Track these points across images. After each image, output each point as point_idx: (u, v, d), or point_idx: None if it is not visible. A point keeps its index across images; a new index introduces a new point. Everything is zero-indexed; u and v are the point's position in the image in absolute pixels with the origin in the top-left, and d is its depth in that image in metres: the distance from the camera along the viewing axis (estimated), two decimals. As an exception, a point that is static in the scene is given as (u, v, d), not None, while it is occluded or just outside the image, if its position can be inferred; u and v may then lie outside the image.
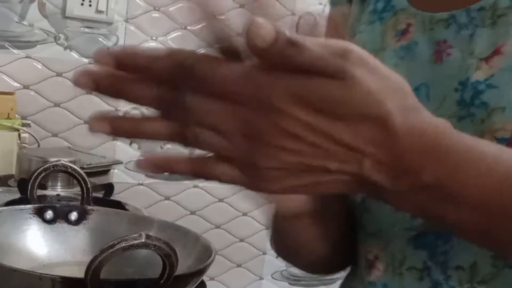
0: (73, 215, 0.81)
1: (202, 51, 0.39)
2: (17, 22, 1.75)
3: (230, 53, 0.39)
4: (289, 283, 2.18)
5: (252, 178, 0.40)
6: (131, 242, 0.57)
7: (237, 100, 0.38)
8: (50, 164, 0.89)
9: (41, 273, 0.62)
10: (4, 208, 0.90)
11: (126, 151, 1.90)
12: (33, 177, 0.87)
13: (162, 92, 0.39)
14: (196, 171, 0.41)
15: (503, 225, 0.42)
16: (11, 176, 1.40)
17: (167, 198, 1.98)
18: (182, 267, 0.62)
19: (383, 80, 0.39)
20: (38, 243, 0.78)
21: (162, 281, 0.59)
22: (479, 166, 0.41)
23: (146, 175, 1.95)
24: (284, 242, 0.66)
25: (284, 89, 0.37)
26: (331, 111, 0.37)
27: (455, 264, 0.52)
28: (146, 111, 0.41)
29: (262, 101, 0.37)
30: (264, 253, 2.12)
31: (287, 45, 0.36)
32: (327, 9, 0.73)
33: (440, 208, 0.42)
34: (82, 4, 1.79)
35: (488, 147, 0.43)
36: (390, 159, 0.39)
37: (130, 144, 1.92)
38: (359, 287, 0.61)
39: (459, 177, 0.41)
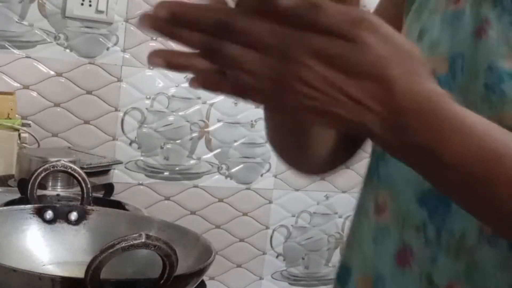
0: (73, 215, 0.81)
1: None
2: (17, 22, 1.76)
3: (261, 11, 0.45)
4: (289, 283, 2.18)
5: (270, 105, 0.50)
6: (131, 242, 0.57)
7: (267, 51, 0.45)
8: (50, 164, 0.89)
9: (41, 273, 0.62)
10: (4, 208, 0.90)
11: (126, 151, 1.90)
12: (33, 177, 0.87)
13: (207, 39, 0.46)
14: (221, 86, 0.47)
15: (482, 190, 0.47)
16: (11, 176, 1.40)
17: (167, 198, 1.98)
18: (182, 267, 0.62)
19: (392, 47, 0.44)
20: (38, 243, 0.78)
21: (162, 281, 0.59)
22: (469, 135, 0.46)
23: (146, 175, 1.95)
24: (278, 138, 0.72)
25: (306, 45, 0.44)
26: (344, 68, 0.44)
27: (450, 230, 0.56)
28: (145, 111, 0.43)
29: (287, 53, 0.44)
30: (264, 253, 2.12)
31: (310, 7, 0.43)
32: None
33: (429, 166, 0.47)
34: (82, 4, 1.79)
35: (480, 120, 0.47)
36: (389, 116, 0.45)
37: (130, 144, 1.92)
38: (365, 223, 0.66)
39: (449, 142, 0.45)
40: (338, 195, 2.16)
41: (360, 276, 0.65)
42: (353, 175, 1.87)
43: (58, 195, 1.16)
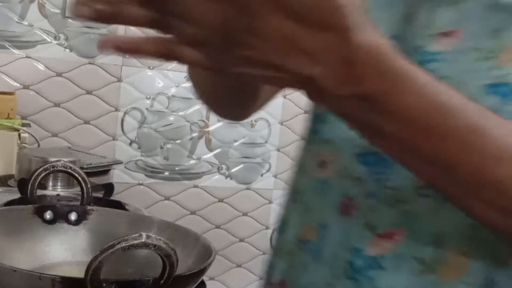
0: (73, 215, 0.81)
1: None
2: (17, 22, 1.76)
3: None
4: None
5: (214, 62, 0.46)
6: (131, 242, 0.57)
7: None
8: (50, 164, 0.89)
9: (41, 273, 0.62)
10: (4, 208, 0.90)
11: (126, 151, 1.90)
12: (33, 177, 0.87)
13: None
14: (162, 52, 0.45)
15: (425, 141, 0.49)
16: (11, 176, 1.40)
17: (167, 198, 1.98)
18: (182, 267, 0.62)
19: None
20: (38, 243, 0.78)
21: (162, 281, 0.59)
22: (412, 86, 0.48)
23: (146, 175, 1.95)
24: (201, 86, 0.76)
25: None
26: (302, 17, 0.43)
27: (388, 184, 0.60)
28: (145, 111, 0.43)
29: (245, 6, 0.43)
30: (264, 253, 2.12)
31: None
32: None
33: (372, 117, 0.48)
34: (82, 4, 1.78)
35: (422, 74, 0.49)
36: (339, 67, 0.45)
37: (130, 144, 1.92)
38: (304, 178, 0.70)
39: (394, 92, 0.47)
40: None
41: (303, 225, 0.69)
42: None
43: (58, 195, 1.16)
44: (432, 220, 0.59)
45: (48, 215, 0.80)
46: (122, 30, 1.85)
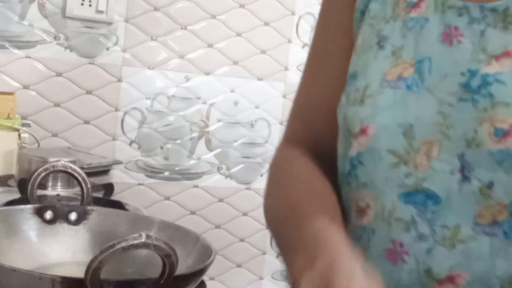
0: (73, 215, 0.81)
1: None
2: (17, 22, 1.76)
3: None
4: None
5: None
6: (131, 242, 0.57)
7: None
8: (50, 164, 0.89)
9: (41, 273, 0.62)
10: (4, 208, 0.90)
11: (126, 151, 1.90)
12: (33, 177, 0.87)
13: None
14: None
15: None
16: (11, 176, 1.40)
17: (167, 198, 1.98)
18: (182, 267, 0.62)
19: None
20: (38, 243, 0.78)
21: (162, 281, 0.59)
22: None
23: (146, 175, 1.95)
24: None
25: None
26: None
27: (441, 223, 0.59)
28: (145, 111, 0.42)
29: None
30: (264, 253, 2.12)
31: None
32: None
33: None
34: (82, 4, 1.79)
35: None
36: None
37: (130, 144, 1.92)
38: (348, 231, 0.66)
39: None
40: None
41: None
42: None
43: (58, 195, 1.16)
44: (496, 260, 0.57)
45: (48, 215, 0.80)
46: (122, 30, 1.85)
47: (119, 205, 1.11)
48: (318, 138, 0.75)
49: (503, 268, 0.57)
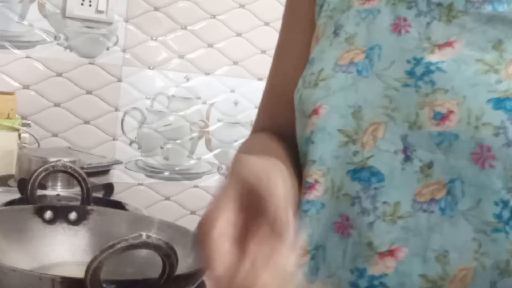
0: (73, 215, 0.81)
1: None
2: (17, 22, 1.76)
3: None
4: None
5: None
6: (131, 242, 0.57)
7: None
8: (50, 164, 0.89)
9: (41, 273, 0.62)
10: (4, 208, 0.90)
11: (126, 151, 1.90)
12: (33, 177, 0.87)
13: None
14: None
15: None
16: (11, 176, 1.40)
17: (167, 198, 1.98)
18: (182, 267, 0.62)
19: None
20: (38, 243, 0.78)
21: (162, 281, 0.59)
22: None
23: (146, 175, 1.95)
24: None
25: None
26: None
27: (382, 199, 0.63)
28: (145, 111, 0.43)
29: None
30: (264, 253, 2.12)
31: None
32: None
33: None
34: (82, 4, 1.79)
35: None
36: None
37: (130, 144, 1.92)
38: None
39: None
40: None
41: None
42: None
43: (58, 195, 1.16)
44: (434, 235, 0.61)
45: (48, 215, 0.80)
46: (122, 30, 1.85)
47: (119, 205, 1.11)
48: (282, 126, 0.79)
49: (438, 242, 0.61)
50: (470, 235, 0.60)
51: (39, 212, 0.80)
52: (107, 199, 1.18)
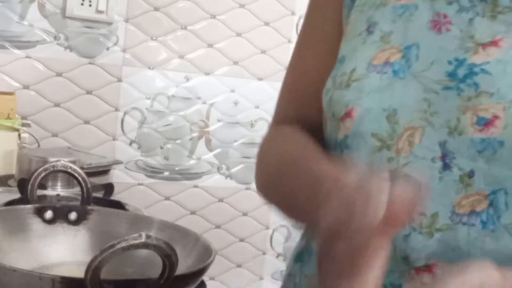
0: (73, 215, 0.81)
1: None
2: (17, 22, 1.76)
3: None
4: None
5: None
6: (131, 242, 0.57)
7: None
8: (50, 164, 0.89)
9: (41, 273, 0.62)
10: (4, 208, 0.90)
11: (126, 151, 1.90)
12: (33, 177, 0.87)
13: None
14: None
15: None
16: (11, 176, 1.40)
17: (167, 198, 1.98)
18: (182, 267, 0.62)
19: None
20: (38, 243, 0.78)
21: (162, 281, 0.59)
22: None
23: (146, 175, 1.95)
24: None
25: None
26: None
27: (419, 210, 0.58)
28: (145, 111, 0.42)
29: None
30: (264, 253, 2.12)
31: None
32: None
33: None
34: (82, 4, 1.79)
35: None
36: None
37: (130, 144, 1.92)
38: None
39: None
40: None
41: None
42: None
43: (58, 195, 1.16)
44: (475, 251, 0.58)
45: (48, 215, 0.80)
46: (122, 30, 1.85)
47: (119, 205, 1.11)
48: (308, 120, 0.75)
49: (479, 258, 0.57)
50: None
51: (39, 212, 0.80)
52: (107, 199, 1.18)
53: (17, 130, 1.53)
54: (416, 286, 0.59)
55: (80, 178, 0.89)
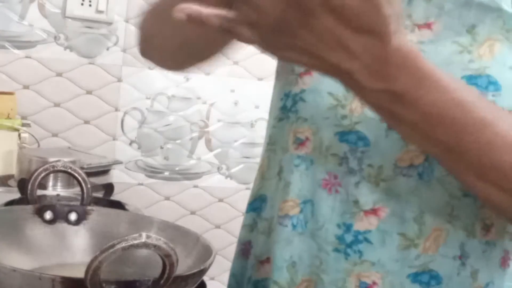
0: (73, 215, 0.81)
1: None
2: (17, 22, 1.76)
3: None
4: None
5: (265, 44, 0.53)
6: (131, 242, 0.57)
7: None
8: (50, 164, 0.89)
9: (41, 273, 0.62)
10: (4, 208, 0.90)
11: (126, 151, 1.90)
12: (33, 177, 0.87)
13: None
14: (225, 26, 0.51)
15: (444, 132, 0.56)
16: (11, 176, 1.40)
17: (167, 198, 1.98)
18: (182, 267, 0.62)
19: (391, 7, 0.50)
20: (38, 243, 0.78)
21: (162, 281, 0.59)
22: (437, 85, 0.54)
23: (146, 175, 1.95)
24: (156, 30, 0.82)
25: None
26: (350, 20, 0.49)
27: (368, 161, 0.67)
28: (146, 111, 0.43)
29: (303, 4, 0.49)
30: (264, 253, 2.12)
31: None
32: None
33: (398, 109, 0.55)
34: (82, 4, 1.79)
35: (444, 75, 0.55)
36: (376, 66, 0.52)
37: (130, 144, 1.92)
38: (280, 156, 0.75)
39: (421, 91, 0.54)
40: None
41: (283, 200, 0.73)
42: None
43: (58, 195, 1.16)
44: (413, 198, 0.66)
45: (48, 215, 0.80)
46: (122, 30, 1.85)
47: (119, 205, 1.11)
48: None
49: (416, 204, 0.66)
50: (444, 199, 0.66)
51: (39, 212, 0.80)
52: (107, 199, 1.18)
53: (17, 130, 1.53)
54: (364, 225, 0.67)
55: (80, 178, 0.89)
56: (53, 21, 1.79)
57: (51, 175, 1.03)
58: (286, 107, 0.75)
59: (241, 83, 2.00)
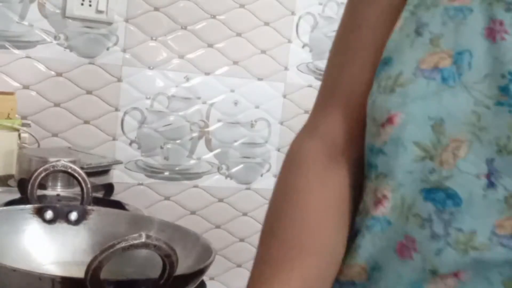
0: (73, 215, 0.81)
1: None
2: (17, 22, 1.76)
3: None
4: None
5: None
6: (131, 242, 0.57)
7: None
8: (50, 164, 0.89)
9: (41, 273, 0.62)
10: (4, 208, 0.90)
11: (126, 151, 1.90)
12: (33, 177, 0.87)
13: None
14: None
15: None
16: (11, 176, 1.40)
17: (167, 198, 1.98)
18: (182, 267, 0.62)
19: None
20: (38, 243, 0.78)
21: (162, 281, 0.59)
22: None
23: (146, 175, 1.95)
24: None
25: None
26: None
27: (457, 225, 0.56)
28: (146, 111, 0.42)
29: None
30: (264, 253, 2.12)
31: None
32: (327, 9, 0.75)
33: None
34: (82, 4, 1.79)
35: None
36: None
37: (130, 144, 1.92)
38: (361, 222, 0.64)
39: None
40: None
41: (349, 264, 0.64)
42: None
43: (58, 195, 1.16)
44: (503, 270, 0.56)
45: (48, 215, 0.80)
46: (122, 30, 1.85)
47: (119, 205, 1.11)
48: (351, 126, 0.70)
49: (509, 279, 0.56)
50: None
51: (39, 212, 0.80)
52: (107, 199, 1.18)
53: (17, 130, 1.53)
54: (438, 287, 0.58)
55: (80, 178, 0.89)
56: (53, 21, 1.79)
57: (51, 175, 1.02)
58: (366, 163, 0.65)
59: (241, 83, 2.00)
